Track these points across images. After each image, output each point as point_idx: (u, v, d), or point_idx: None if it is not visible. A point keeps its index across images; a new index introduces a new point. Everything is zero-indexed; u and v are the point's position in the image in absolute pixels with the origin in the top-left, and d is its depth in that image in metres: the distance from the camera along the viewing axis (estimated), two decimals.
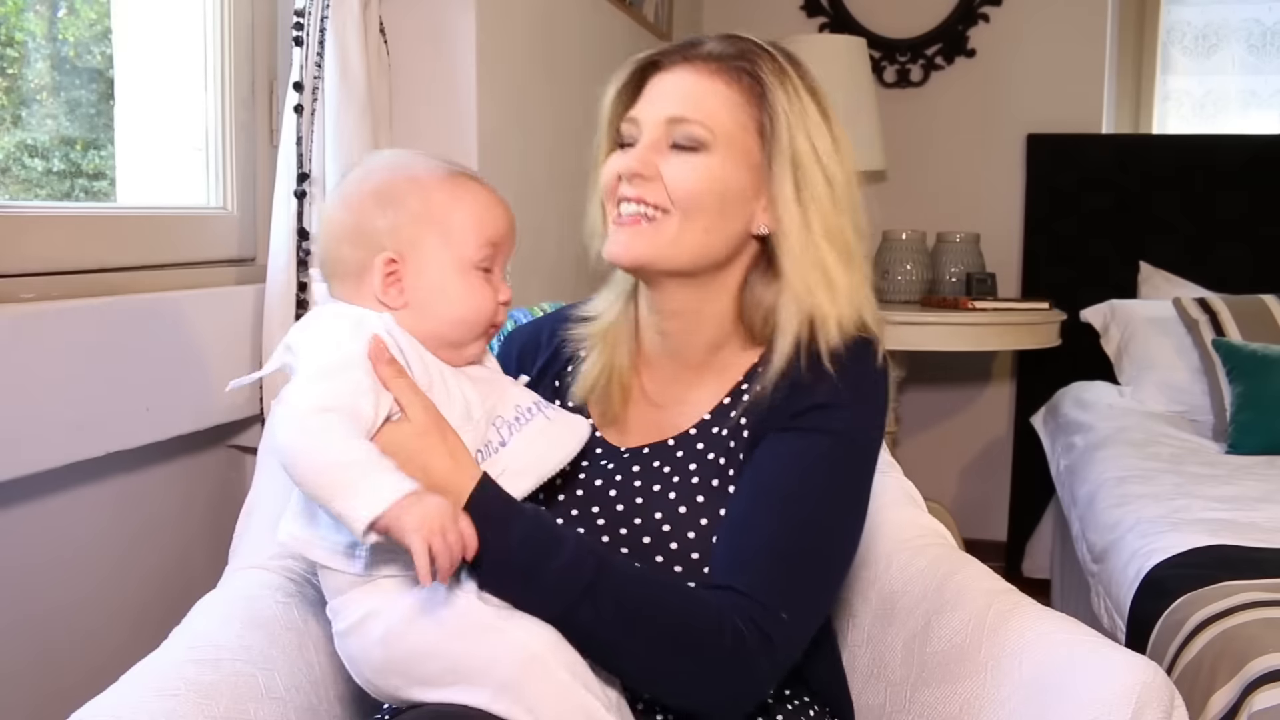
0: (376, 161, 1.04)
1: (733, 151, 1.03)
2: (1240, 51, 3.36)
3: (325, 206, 1.02)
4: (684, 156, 1.03)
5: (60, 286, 1.37)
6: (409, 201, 0.98)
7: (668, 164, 1.03)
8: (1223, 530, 1.85)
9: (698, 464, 1.06)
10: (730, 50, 1.06)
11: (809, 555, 0.99)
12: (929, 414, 3.53)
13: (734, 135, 1.03)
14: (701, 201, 1.02)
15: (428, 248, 0.98)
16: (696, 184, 1.02)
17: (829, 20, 3.46)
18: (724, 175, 1.03)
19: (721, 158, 1.03)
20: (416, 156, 1.04)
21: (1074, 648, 0.99)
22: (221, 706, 0.92)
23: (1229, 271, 3.06)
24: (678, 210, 1.02)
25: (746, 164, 1.04)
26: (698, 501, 1.04)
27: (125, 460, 1.47)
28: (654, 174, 1.03)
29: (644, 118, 1.05)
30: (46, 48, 1.55)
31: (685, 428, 1.09)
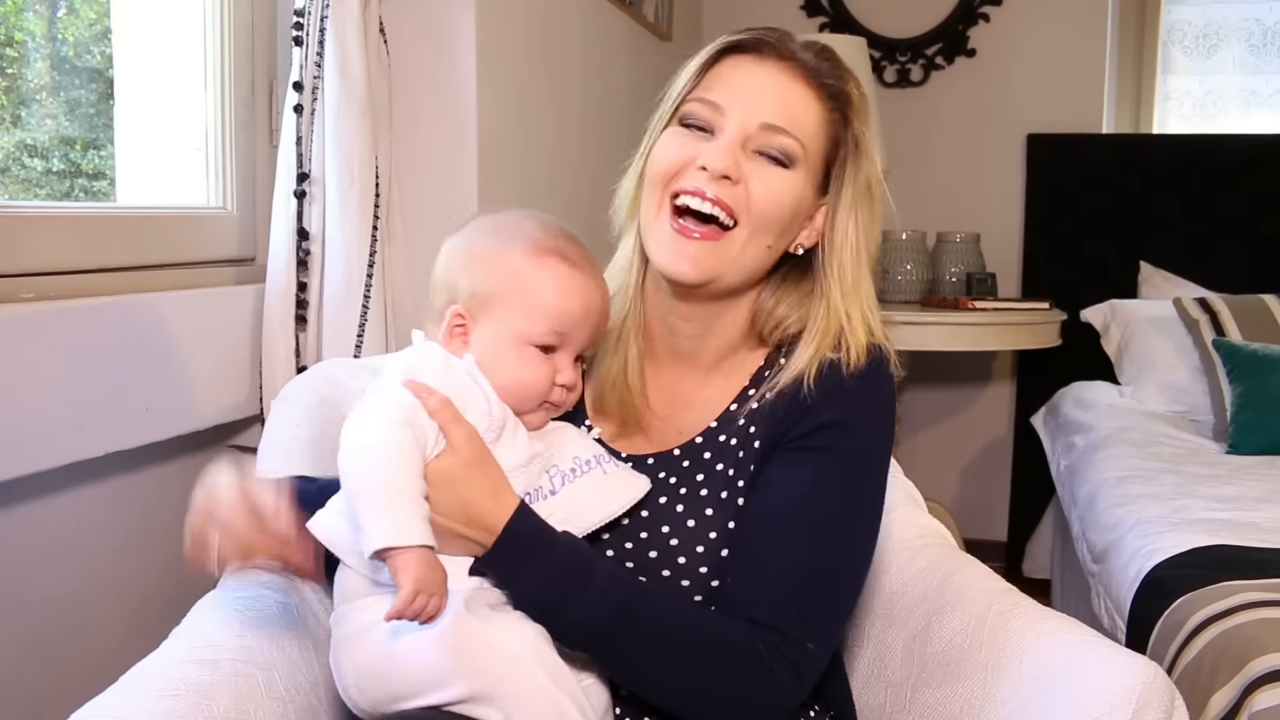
0: (490, 219, 1.05)
1: (810, 169, 1.01)
2: (1240, 51, 3.36)
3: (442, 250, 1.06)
4: (771, 169, 0.99)
5: (60, 286, 1.37)
6: (491, 267, 1.00)
7: (755, 173, 0.98)
8: (1223, 530, 1.85)
9: (705, 475, 1.04)
10: (824, 64, 1.02)
11: (831, 582, 0.99)
12: (929, 414, 3.53)
13: (815, 153, 1.01)
14: (778, 219, 0.99)
15: (494, 314, 0.99)
16: (780, 202, 0.99)
17: (829, 20, 3.47)
18: (801, 194, 1.01)
19: (803, 175, 1.01)
20: (528, 220, 1.04)
21: (1074, 648, 0.99)
22: (221, 707, 0.92)
23: (1229, 271, 3.06)
24: (750, 224, 0.98)
25: (815, 182, 1.02)
26: (706, 515, 1.02)
27: (125, 460, 1.47)
28: (740, 178, 0.97)
29: (733, 110, 0.99)
30: (46, 47, 1.55)
31: (691, 435, 1.07)
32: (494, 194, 1.93)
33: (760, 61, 1.01)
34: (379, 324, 1.68)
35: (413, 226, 1.84)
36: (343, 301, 1.64)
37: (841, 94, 1.02)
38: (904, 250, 3.14)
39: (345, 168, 1.62)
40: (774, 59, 1.00)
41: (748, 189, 0.98)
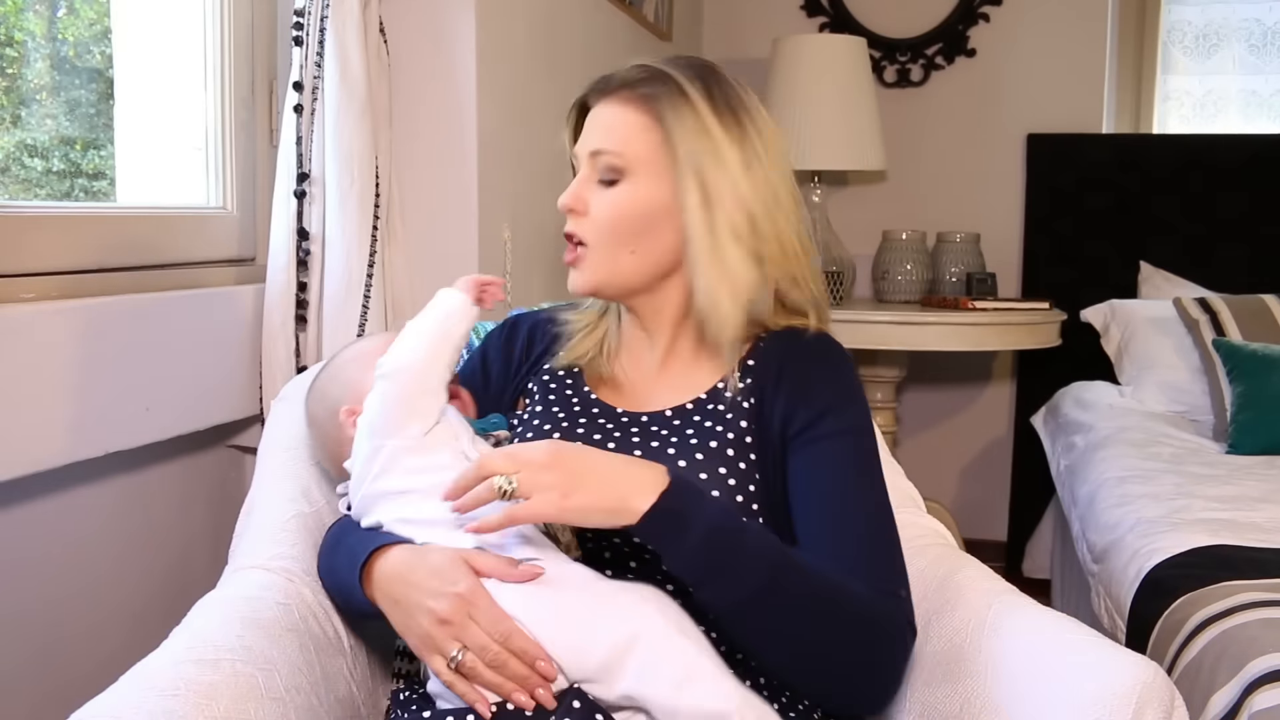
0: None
1: (650, 172, 1.10)
2: (1240, 51, 3.36)
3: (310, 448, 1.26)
4: (605, 191, 1.11)
5: (60, 286, 1.37)
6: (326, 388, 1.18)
7: (594, 199, 1.11)
8: (1223, 530, 1.85)
9: (695, 430, 1.12)
10: (636, 76, 1.12)
11: (890, 533, 1.08)
12: (929, 414, 3.53)
13: (647, 158, 1.10)
14: (620, 230, 1.10)
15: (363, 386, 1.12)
16: (613, 215, 1.10)
17: (829, 20, 3.46)
18: (643, 198, 1.10)
19: (638, 182, 1.10)
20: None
21: (1074, 648, 0.99)
22: (221, 707, 0.92)
23: (1229, 271, 3.06)
24: (596, 241, 1.11)
25: (665, 182, 1.10)
26: (697, 459, 1.09)
27: (125, 460, 1.47)
28: (584, 208, 1.12)
29: (577, 152, 1.14)
30: (46, 47, 1.55)
31: (680, 403, 1.15)
32: (494, 194, 1.93)
33: (594, 106, 1.15)
34: (379, 324, 1.68)
35: (413, 226, 1.84)
36: (343, 301, 1.64)
37: (652, 96, 1.10)
38: (904, 250, 3.14)
39: (345, 168, 1.62)
40: (599, 98, 1.14)
41: (590, 214, 1.11)
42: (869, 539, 1.06)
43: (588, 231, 1.11)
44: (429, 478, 1.03)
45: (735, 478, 1.09)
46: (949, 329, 2.83)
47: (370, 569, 1.04)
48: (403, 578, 1.02)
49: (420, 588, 1.00)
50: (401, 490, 1.05)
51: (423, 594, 0.99)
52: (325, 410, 1.15)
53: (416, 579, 1.00)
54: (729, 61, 1.36)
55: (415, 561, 1.02)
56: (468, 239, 1.86)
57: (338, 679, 1.11)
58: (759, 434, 1.11)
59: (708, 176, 1.08)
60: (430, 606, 0.98)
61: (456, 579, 0.98)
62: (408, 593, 1.01)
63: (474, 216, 1.86)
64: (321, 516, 1.21)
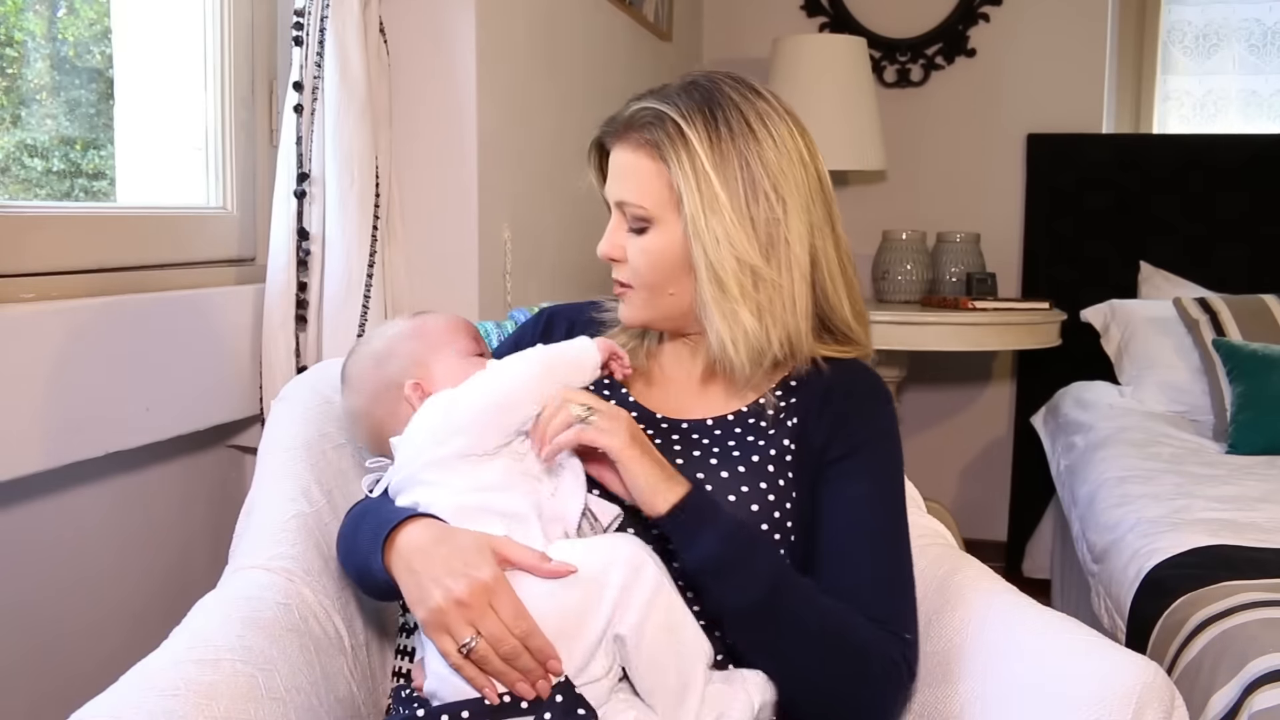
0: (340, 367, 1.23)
1: (671, 217, 1.09)
2: (1240, 51, 3.36)
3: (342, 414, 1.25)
4: (636, 239, 1.11)
5: (60, 286, 1.37)
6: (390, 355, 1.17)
7: (629, 246, 1.12)
8: (1223, 530, 1.85)
9: (736, 442, 1.12)
10: (639, 118, 1.11)
11: (908, 574, 1.09)
12: (929, 414, 3.53)
13: (667, 202, 1.09)
14: (656, 277, 1.11)
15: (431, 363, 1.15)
16: (647, 265, 1.11)
17: (829, 20, 3.46)
18: (670, 245, 1.09)
19: (664, 230, 1.10)
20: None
21: (1074, 648, 0.99)
22: (221, 707, 0.92)
23: (1229, 271, 3.06)
24: (641, 287, 1.12)
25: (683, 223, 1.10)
26: (739, 471, 1.09)
27: (125, 460, 1.47)
28: (621, 255, 1.13)
29: (609, 198, 1.15)
30: (46, 47, 1.55)
31: (722, 413, 1.15)
32: (494, 194, 1.93)
33: (611, 148, 1.14)
34: (379, 324, 1.68)
35: (413, 226, 1.84)
36: (343, 301, 1.64)
37: (657, 142, 1.08)
38: (904, 250, 3.14)
39: (345, 168, 1.62)
40: (614, 140, 1.13)
41: (628, 260, 1.12)
42: (885, 580, 1.07)
43: (630, 277, 1.13)
44: (475, 497, 1.03)
45: (774, 493, 1.09)
46: (949, 329, 2.83)
47: (393, 538, 1.02)
48: (425, 550, 1.00)
49: (441, 563, 0.98)
50: (440, 484, 1.05)
51: (442, 570, 0.98)
52: (382, 382, 1.13)
53: (440, 553, 0.99)
54: (729, 61, 1.36)
55: (442, 536, 1.01)
56: (468, 239, 1.86)
57: (338, 679, 1.11)
58: (799, 453, 1.12)
59: (704, 231, 1.06)
60: (448, 585, 0.97)
61: (481, 564, 0.97)
62: (428, 565, 0.99)
63: (474, 216, 1.86)
64: (321, 516, 1.21)
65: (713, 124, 1.08)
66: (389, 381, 1.13)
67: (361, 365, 1.17)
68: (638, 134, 1.10)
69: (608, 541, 1.02)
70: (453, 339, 1.15)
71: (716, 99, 1.09)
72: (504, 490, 1.03)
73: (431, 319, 1.18)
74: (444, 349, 1.14)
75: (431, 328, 1.16)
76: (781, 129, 1.09)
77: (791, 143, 1.09)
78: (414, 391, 1.11)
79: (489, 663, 0.96)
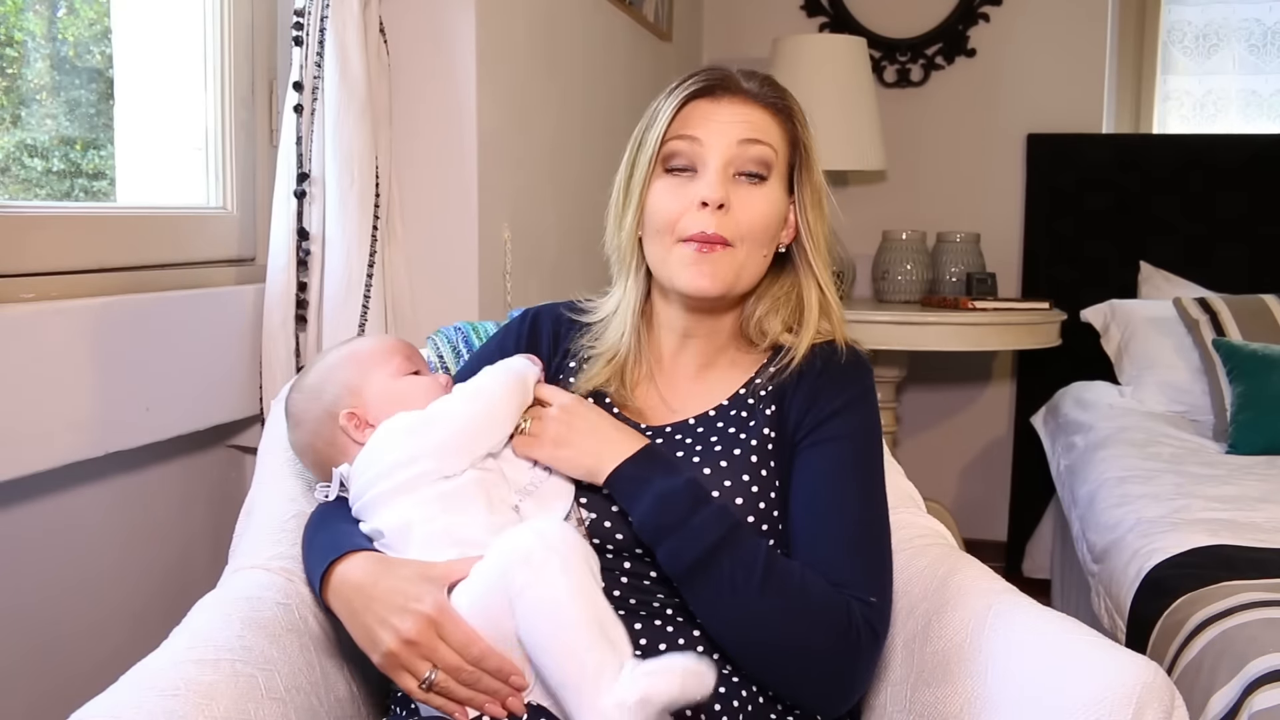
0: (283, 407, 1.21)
1: (781, 180, 1.13)
2: (1240, 51, 3.36)
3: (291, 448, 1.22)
4: (751, 189, 1.10)
5: (60, 286, 1.37)
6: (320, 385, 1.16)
7: (740, 196, 1.10)
8: (1223, 530, 1.85)
9: (719, 437, 1.13)
10: (770, 91, 1.14)
11: (877, 540, 1.10)
12: (929, 414, 3.53)
13: (783, 158, 1.13)
14: (765, 232, 1.11)
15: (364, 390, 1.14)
16: (765, 217, 1.11)
17: (829, 20, 3.46)
18: (780, 202, 1.13)
19: (776, 186, 1.12)
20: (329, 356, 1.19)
21: (1074, 648, 0.99)
22: (221, 706, 0.92)
23: (1229, 271, 3.06)
24: (745, 244, 1.10)
25: (784, 188, 1.14)
26: (721, 466, 1.10)
27: (125, 460, 1.47)
28: (730, 205, 1.09)
29: (712, 140, 1.10)
30: (46, 48, 1.55)
31: (703, 410, 1.16)
32: (494, 194, 1.93)
33: (717, 101, 1.12)
34: (379, 324, 1.68)
35: (412, 226, 1.84)
36: (343, 301, 1.64)
37: (788, 109, 1.14)
38: (904, 250, 3.14)
39: (345, 168, 1.62)
40: (727, 96, 1.12)
41: (736, 216, 1.09)
42: (853, 542, 1.07)
43: (736, 230, 1.09)
44: (440, 521, 1.03)
45: (758, 484, 1.10)
46: (949, 329, 2.83)
47: (329, 577, 1.03)
48: (363, 589, 1.00)
49: (383, 602, 0.98)
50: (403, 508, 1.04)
51: (386, 609, 0.97)
52: (320, 410, 1.13)
53: (378, 592, 0.98)
54: (729, 62, 1.35)
55: (379, 572, 1.00)
56: (468, 239, 1.86)
57: (338, 679, 1.11)
58: (779, 439, 1.13)
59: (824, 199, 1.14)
60: (395, 625, 0.96)
61: (421, 595, 0.97)
62: (369, 605, 0.99)
63: (474, 216, 1.86)
64: None
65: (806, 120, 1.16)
66: (325, 413, 1.12)
67: (299, 400, 1.16)
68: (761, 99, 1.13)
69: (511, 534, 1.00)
70: (384, 361, 1.14)
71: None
72: (464, 513, 1.03)
73: (362, 343, 1.18)
74: (375, 373, 1.13)
75: (362, 353, 1.15)
76: None
77: None
78: (349, 421, 1.10)
79: (452, 692, 0.96)
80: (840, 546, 1.06)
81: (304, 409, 1.15)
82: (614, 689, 0.90)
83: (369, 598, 0.99)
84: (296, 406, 1.16)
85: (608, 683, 0.91)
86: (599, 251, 1.18)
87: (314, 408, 1.14)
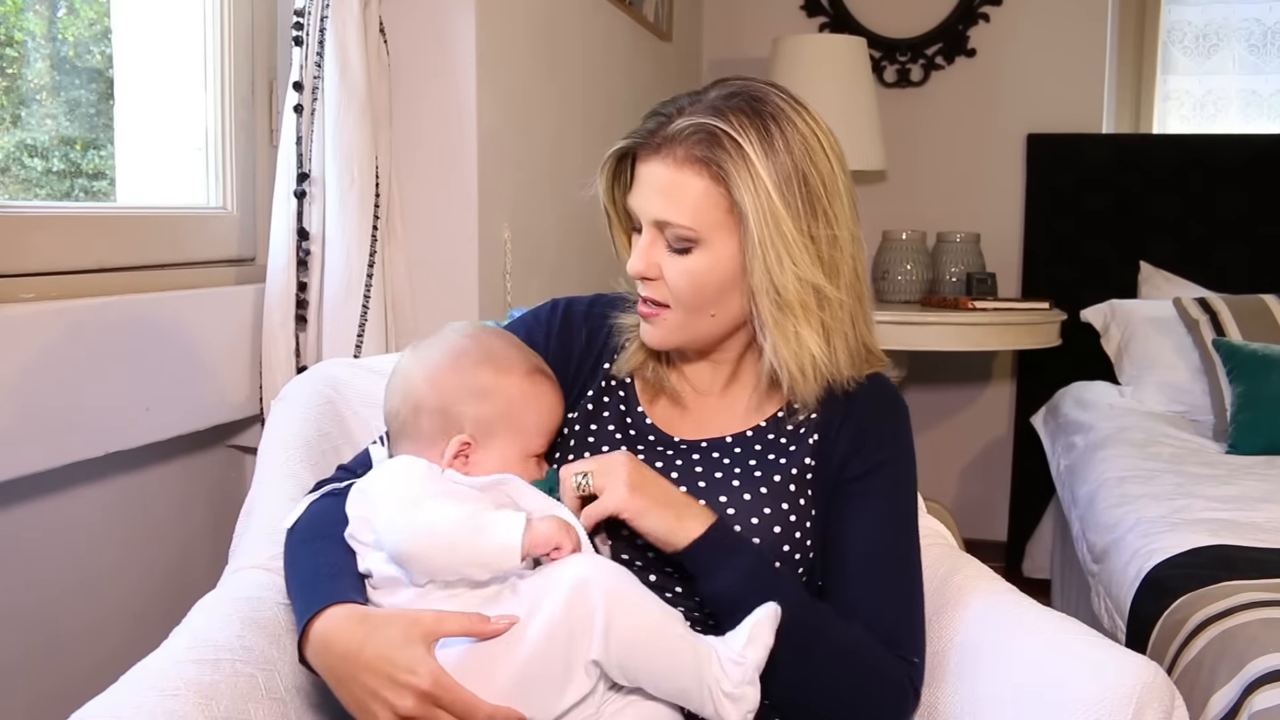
0: (463, 341, 1.08)
1: (721, 237, 1.04)
2: (1240, 51, 3.36)
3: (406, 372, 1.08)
4: (678, 259, 1.05)
5: (60, 286, 1.37)
6: (495, 398, 1.05)
7: (667, 265, 1.06)
8: (1223, 530, 1.85)
9: (757, 461, 1.10)
10: (694, 137, 1.02)
11: (918, 600, 1.10)
12: (929, 414, 3.53)
13: (716, 223, 1.03)
14: (699, 298, 1.06)
15: (501, 438, 1.05)
16: (690, 285, 1.05)
17: (829, 20, 3.46)
18: (717, 265, 1.04)
19: (712, 250, 1.04)
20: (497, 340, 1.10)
21: (1074, 648, 0.99)
22: (221, 706, 0.92)
23: (1229, 271, 3.06)
24: (679, 307, 1.07)
25: (734, 240, 1.04)
26: (761, 493, 1.08)
27: (125, 460, 1.47)
28: (657, 274, 1.06)
29: (640, 214, 1.07)
30: (46, 47, 1.55)
31: (742, 429, 1.13)
32: (494, 194, 1.93)
33: (646, 161, 1.05)
34: (379, 324, 1.68)
35: (413, 226, 1.84)
36: (343, 301, 1.64)
37: (714, 160, 1.02)
38: (904, 250, 3.14)
39: (345, 168, 1.62)
40: (652, 155, 1.04)
41: (665, 280, 1.06)
42: (896, 604, 1.07)
43: (667, 297, 1.06)
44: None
45: (796, 513, 1.08)
46: (949, 329, 2.83)
47: (309, 633, 0.94)
48: (347, 657, 0.92)
49: (372, 673, 0.90)
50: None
51: (378, 681, 0.90)
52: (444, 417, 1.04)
53: (366, 659, 0.90)
54: (729, 61, 1.35)
55: (364, 636, 0.92)
56: (468, 239, 1.86)
57: None
58: (819, 469, 1.10)
59: (769, 252, 1.01)
60: (389, 700, 0.89)
61: (414, 666, 0.89)
62: (357, 675, 0.91)
63: (474, 216, 1.86)
64: None
65: (768, 139, 1.02)
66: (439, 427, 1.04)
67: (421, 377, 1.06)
68: (684, 150, 1.02)
69: (551, 570, 0.95)
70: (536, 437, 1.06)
71: (767, 110, 1.03)
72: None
73: (550, 394, 1.08)
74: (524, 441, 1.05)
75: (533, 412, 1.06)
76: (827, 141, 1.05)
77: (835, 154, 1.06)
78: (458, 446, 1.03)
79: None
80: (892, 607, 1.06)
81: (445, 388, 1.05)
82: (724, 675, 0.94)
83: (355, 666, 0.91)
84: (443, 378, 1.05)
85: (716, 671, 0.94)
86: (599, 251, 1.17)
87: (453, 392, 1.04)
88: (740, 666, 0.95)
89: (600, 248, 1.19)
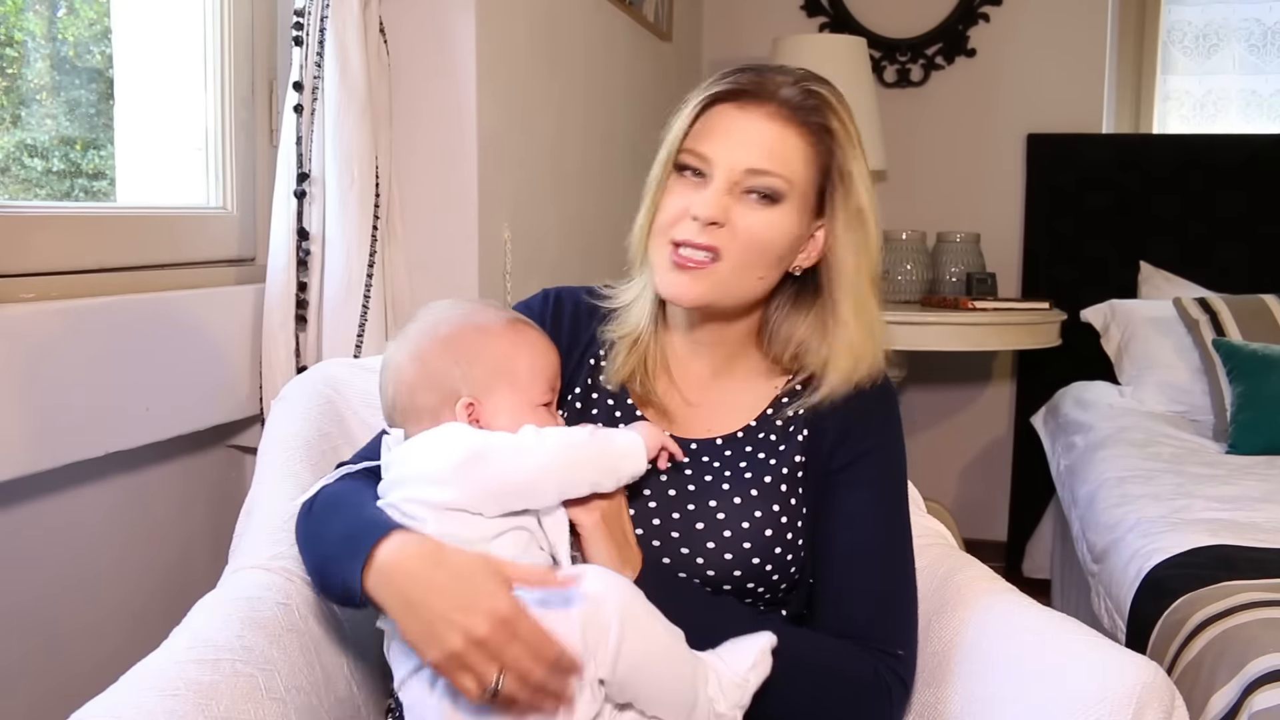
0: (436, 312, 1.08)
1: (804, 204, 1.06)
2: (1240, 51, 3.36)
3: (391, 361, 1.08)
4: (759, 209, 1.04)
5: (60, 286, 1.37)
6: (483, 354, 1.05)
7: (742, 213, 1.04)
8: (1223, 530, 1.85)
9: (748, 462, 1.11)
10: (808, 101, 1.05)
11: (905, 592, 1.09)
12: (929, 414, 3.53)
13: (805, 189, 1.06)
14: (764, 254, 1.05)
15: (501, 392, 1.04)
16: (757, 241, 1.04)
17: (829, 20, 3.47)
18: (791, 227, 1.05)
19: (791, 209, 1.05)
20: (469, 303, 1.10)
21: (1074, 647, 0.99)
22: (221, 706, 0.92)
23: (1229, 271, 3.06)
24: (735, 258, 1.04)
25: (807, 211, 1.07)
26: (752, 495, 1.08)
27: (125, 460, 1.47)
28: (727, 220, 1.04)
29: (720, 160, 1.04)
30: (46, 48, 1.55)
31: (731, 430, 1.13)
32: (494, 194, 1.93)
33: (742, 109, 1.05)
34: (379, 324, 1.68)
35: (413, 226, 1.84)
36: (343, 301, 1.64)
37: (824, 129, 1.06)
38: (904, 250, 3.14)
39: (345, 168, 1.62)
40: (754, 105, 1.05)
41: (733, 229, 1.04)
42: (882, 597, 1.07)
43: (728, 245, 1.03)
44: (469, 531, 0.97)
45: (787, 514, 1.08)
46: (949, 329, 2.83)
47: (374, 558, 0.92)
48: (420, 578, 0.90)
49: (448, 595, 0.89)
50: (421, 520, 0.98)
51: (451, 605, 0.88)
52: (439, 388, 1.03)
53: (441, 583, 0.89)
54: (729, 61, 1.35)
55: (437, 559, 0.91)
56: (468, 239, 1.86)
57: (338, 679, 1.11)
58: (809, 465, 1.10)
59: (867, 224, 1.06)
60: (464, 624, 0.87)
61: (496, 593, 0.89)
62: (429, 599, 0.89)
63: (474, 216, 1.86)
64: None
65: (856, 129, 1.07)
66: (445, 392, 1.03)
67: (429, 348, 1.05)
68: (792, 112, 1.04)
69: (577, 572, 0.96)
70: (535, 382, 1.05)
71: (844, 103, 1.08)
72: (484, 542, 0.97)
73: (537, 341, 1.08)
74: (519, 389, 1.04)
75: (524, 359, 1.06)
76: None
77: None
78: (465, 411, 1.02)
79: (517, 695, 0.89)
80: (877, 600, 1.07)
81: (425, 367, 1.04)
82: (720, 695, 0.96)
83: (430, 589, 0.89)
84: (422, 354, 1.05)
85: (713, 690, 0.96)
86: (599, 251, 1.17)
87: (441, 363, 1.04)
88: (742, 689, 0.96)
89: (600, 248, 1.19)
